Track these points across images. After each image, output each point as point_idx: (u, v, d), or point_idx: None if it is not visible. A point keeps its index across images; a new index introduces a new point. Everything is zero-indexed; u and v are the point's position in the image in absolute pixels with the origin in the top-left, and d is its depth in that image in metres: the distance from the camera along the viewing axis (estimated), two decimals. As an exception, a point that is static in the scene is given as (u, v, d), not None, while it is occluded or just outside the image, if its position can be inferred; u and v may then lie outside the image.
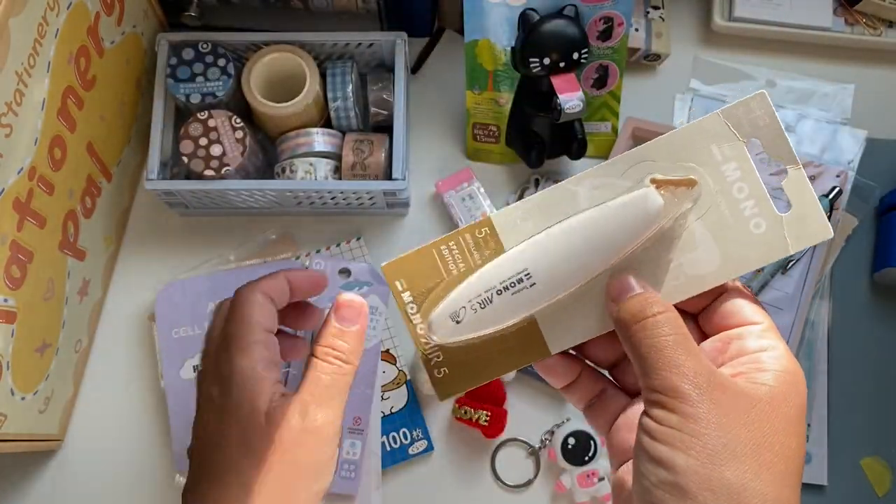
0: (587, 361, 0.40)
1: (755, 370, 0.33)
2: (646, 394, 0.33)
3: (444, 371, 0.37)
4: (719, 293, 0.36)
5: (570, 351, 0.39)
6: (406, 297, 0.36)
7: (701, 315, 0.37)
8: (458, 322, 0.35)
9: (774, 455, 0.31)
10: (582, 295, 0.36)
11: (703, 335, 0.37)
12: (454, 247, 0.36)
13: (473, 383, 0.37)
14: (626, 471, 0.37)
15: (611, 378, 0.41)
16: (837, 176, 0.75)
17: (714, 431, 0.31)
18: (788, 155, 0.34)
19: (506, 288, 0.35)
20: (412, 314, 0.37)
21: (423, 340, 0.37)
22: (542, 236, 0.35)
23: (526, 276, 0.35)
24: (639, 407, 0.37)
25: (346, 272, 0.72)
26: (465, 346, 0.36)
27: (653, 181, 0.34)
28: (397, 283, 0.36)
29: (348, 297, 0.44)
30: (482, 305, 0.35)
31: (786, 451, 0.31)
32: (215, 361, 0.44)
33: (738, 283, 0.37)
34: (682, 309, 0.36)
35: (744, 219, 0.35)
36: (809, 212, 0.34)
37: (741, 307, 0.36)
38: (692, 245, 0.35)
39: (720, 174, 0.34)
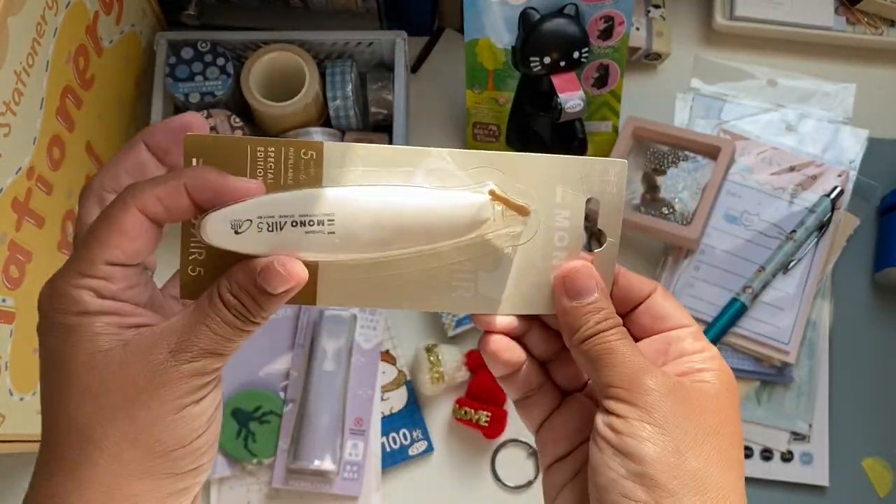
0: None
1: (697, 370, 0.35)
2: (603, 390, 0.34)
3: (200, 272, 0.34)
4: (647, 294, 0.37)
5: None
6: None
7: (628, 317, 0.37)
8: (236, 232, 0.32)
9: (727, 444, 0.33)
10: (374, 264, 0.34)
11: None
12: (272, 154, 0.32)
13: None
14: (558, 469, 0.38)
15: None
16: (839, 175, 0.74)
17: (677, 422, 0.32)
18: (614, 231, 0.35)
19: (304, 223, 0.32)
20: None
21: (192, 231, 0.33)
22: (363, 192, 0.32)
23: (329, 220, 0.32)
24: (567, 409, 0.38)
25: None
26: (231, 256, 0.32)
27: (491, 193, 0.34)
28: (193, 160, 0.32)
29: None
30: (270, 228, 0.32)
31: (734, 440, 0.34)
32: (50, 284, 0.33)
33: (660, 285, 0.38)
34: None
35: (550, 266, 0.35)
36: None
37: (672, 310, 0.37)
38: (493, 264, 0.35)
39: (552, 215, 0.34)
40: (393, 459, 0.69)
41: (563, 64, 0.67)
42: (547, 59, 0.66)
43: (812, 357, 0.71)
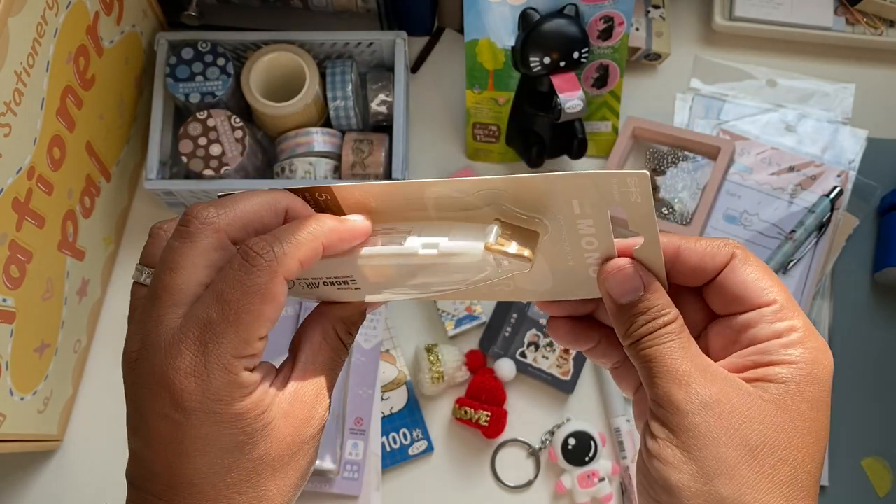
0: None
1: (766, 363, 0.31)
2: (650, 403, 0.32)
3: None
4: (725, 262, 0.33)
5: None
6: None
7: (707, 289, 0.34)
8: (289, 286, 0.34)
9: (777, 460, 0.30)
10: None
11: (709, 312, 0.35)
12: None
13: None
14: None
15: None
16: (838, 176, 0.74)
17: (707, 445, 0.30)
18: (651, 230, 0.32)
19: (334, 283, 0.36)
20: None
21: None
22: (378, 255, 0.34)
23: (351, 280, 0.35)
24: None
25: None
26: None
27: (488, 247, 0.32)
28: None
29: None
30: (310, 287, 0.36)
31: (793, 453, 0.30)
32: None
33: (742, 249, 0.33)
34: (682, 285, 0.34)
35: (584, 263, 0.34)
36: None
37: (752, 283, 0.32)
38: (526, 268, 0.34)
39: (573, 225, 0.32)
40: (393, 459, 0.69)
41: (563, 64, 0.67)
42: (547, 60, 0.66)
43: (812, 357, 0.71)
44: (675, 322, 0.32)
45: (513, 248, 0.32)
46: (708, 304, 0.34)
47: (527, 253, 0.32)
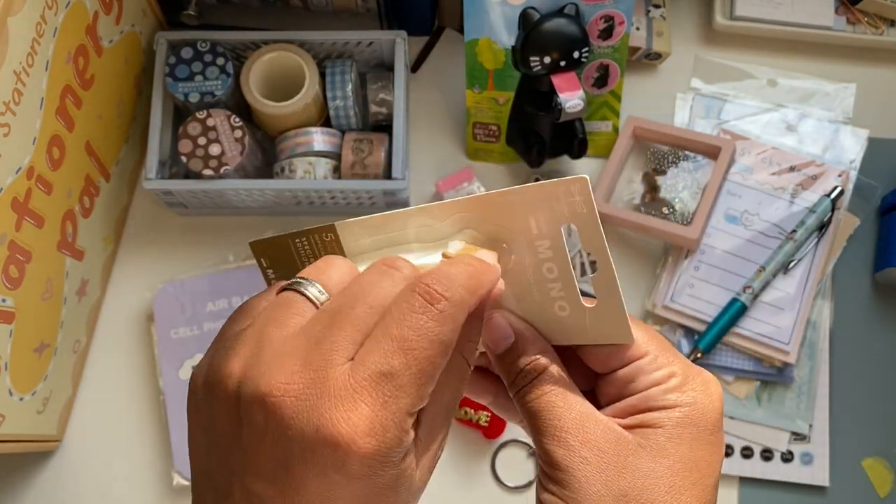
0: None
1: (646, 409, 0.32)
2: (536, 453, 0.33)
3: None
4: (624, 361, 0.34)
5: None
6: (270, 273, 0.38)
7: (581, 350, 0.35)
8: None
9: (665, 499, 0.31)
10: None
11: (589, 372, 0.35)
12: (306, 244, 0.36)
13: None
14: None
15: None
16: (839, 175, 0.74)
17: (588, 497, 0.31)
18: (601, 251, 0.32)
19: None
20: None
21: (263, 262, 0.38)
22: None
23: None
24: None
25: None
26: None
27: (444, 256, 0.33)
28: (262, 261, 0.37)
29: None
30: None
31: (676, 496, 0.31)
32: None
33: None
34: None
35: (549, 298, 0.34)
36: (611, 313, 0.33)
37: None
38: (498, 304, 0.35)
39: (534, 248, 0.33)
40: (393, 459, 0.69)
41: (563, 64, 0.67)
42: (547, 59, 0.66)
43: (812, 357, 0.71)
44: (550, 368, 0.33)
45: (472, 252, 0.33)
46: (585, 362, 0.35)
47: (487, 257, 0.32)
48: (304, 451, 0.27)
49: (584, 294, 0.33)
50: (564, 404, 0.32)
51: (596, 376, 0.35)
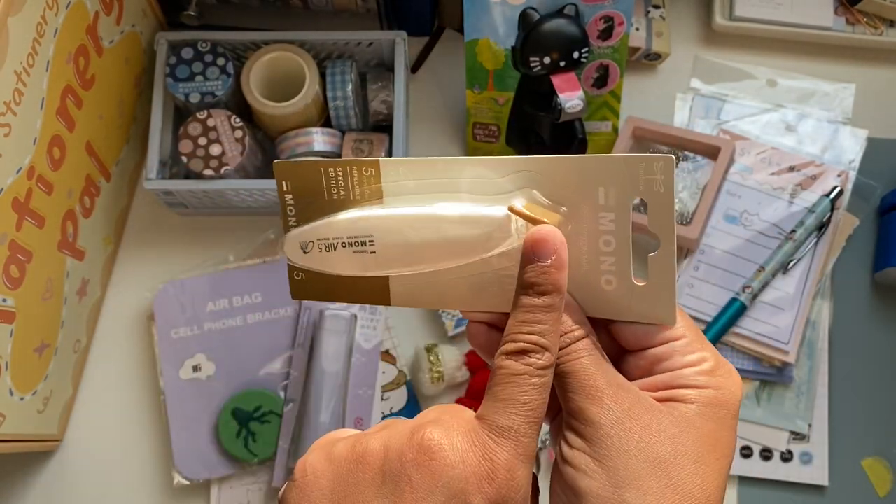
0: None
1: (677, 386, 0.33)
2: (564, 412, 0.34)
3: (302, 276, 0.38)
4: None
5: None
6: (288, 198, 0.37)
7: (614, 326, 0.35)
8: (305, 252, 0.36)
9: (688, 473, 0.31)
10: (433, 272, 0.36)
11: (619, 346, 0.36)
12: (340, 173, 0.36)
13: (326, 298, 0.38)
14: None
15: None
16: (838, 175, 0.74)
17: (618, 456, 0.31)
18: (668, 232, 0.32)
19: (350, 244, 0.36)
20: (290, 215, 0.37)
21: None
22: (397, 215, 0.35)
23: (370, 241, 0.35)
24: None
25: (345, 272, 0.72)
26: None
27: (511, 209, 0.33)
28: (284, 184, 0.37)
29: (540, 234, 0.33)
30: (327, 249, 0.36)
31: (703, 467, 0.32)
32: None
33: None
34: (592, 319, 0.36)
35: (598, 270, 0.34)
36: (662, 294, 0.33)
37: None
38: None
39: (595, 218, 0.32)
40: (393, 459, 0.69)
41: (563, 64, 0.67)
42: (547, 59, 0.66)
43: (812, 357, 0.71)
44: (587, 339, 0.34)
45: (535, 214, 0.32)
46: (615, 337, 0.36)
47: (548, 220, 0.32)
48: None
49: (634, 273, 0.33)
50: (598, 370, 0.33)
51: (623, 352, 0.36)
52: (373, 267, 0.36)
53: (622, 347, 0.36)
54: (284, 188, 0.37)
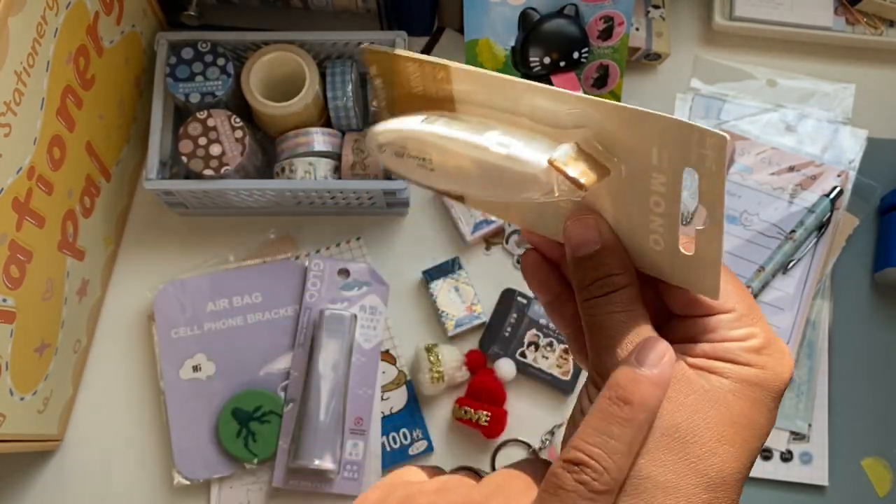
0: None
1: (717, 357, 0.31)
2: (590, 363, 0.32)
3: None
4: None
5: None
6: (378, 82, 0.38)
7: (665, 287, 0.34)
8: (381, 151, 0.37)
9: (706, 451, 0.30)
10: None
11: (662, 308, 0.34)
12: (417, 73, 0.37)
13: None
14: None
15: None
16: (838, 175, 0.74)
17: None
18: (717, 208, 0.31)
19: (413, 157, 0.36)
20: (378, 97, 0.39)
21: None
22: (451, 139, 0.35)
23: (428, 160, 0.36)
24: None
25: (345, 273, 0.72)
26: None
27: (550, 162, 0.32)
28: (373, 68, 0.38)
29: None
30: (398, 154, 0.37)
31: (725, 447, 0.30)
32: None
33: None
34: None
35: (647, 228, 0.32)
36: (707, 269, 0.32)
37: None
38: (593, 207, 0.34)
39: (647, 177, 0.31)
40: (393, 459, 0.69)
41: (563, 64, 0.67)
42: (547, 59, 0.66)
43: (812, 357, 0.72)
44: (626, 289, 0.32)
45: (574, 171, 0.31)
46: (665, 303, 0.34)
47: (584, 180, 0.31)
48: None
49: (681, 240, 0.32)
50: (633, 328, 0.31)
51: (669, 315, 0.34)
52: (434, 181, 0.37)
53: (664, 314, 0.34)
54: (374, 72, 0.38)
